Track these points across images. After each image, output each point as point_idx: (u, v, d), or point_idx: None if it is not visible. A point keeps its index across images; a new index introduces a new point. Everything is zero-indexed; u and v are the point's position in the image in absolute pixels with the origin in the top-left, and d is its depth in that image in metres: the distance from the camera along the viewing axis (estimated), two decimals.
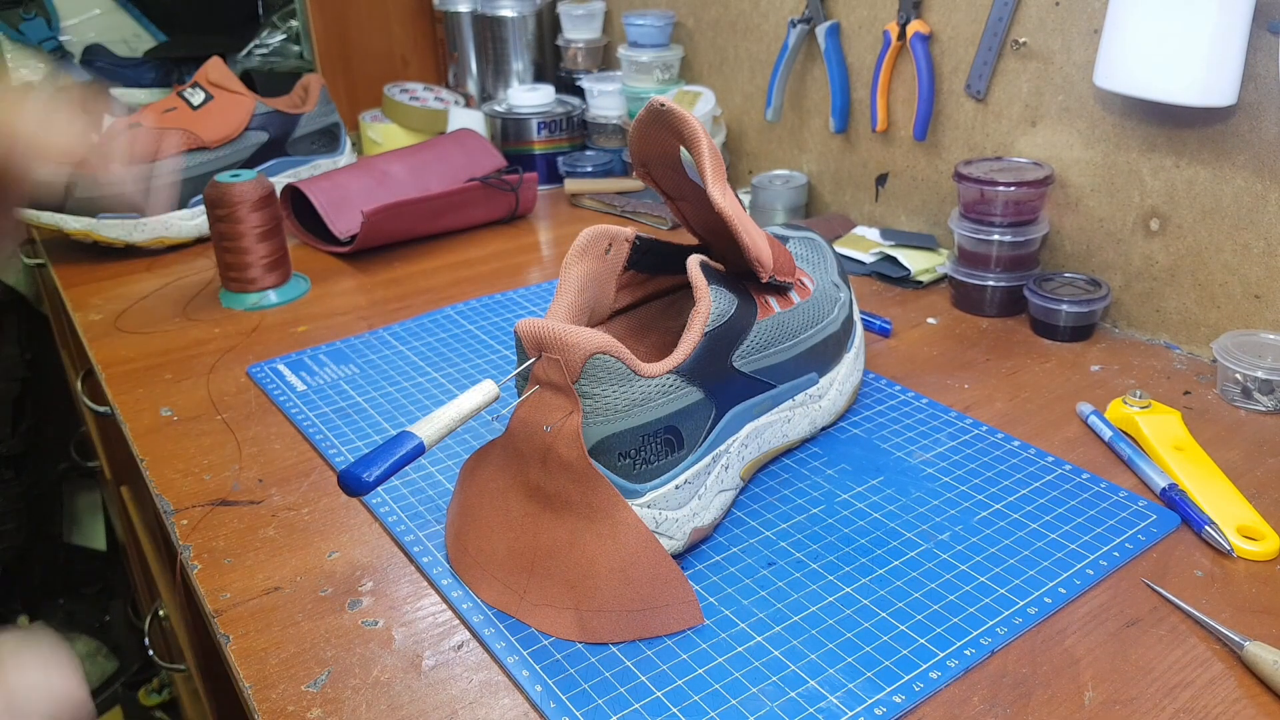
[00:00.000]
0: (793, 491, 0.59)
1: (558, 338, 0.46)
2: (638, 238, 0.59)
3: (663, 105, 0.52)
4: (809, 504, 0.58)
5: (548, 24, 1.33)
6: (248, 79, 1.42)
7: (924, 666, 0.46)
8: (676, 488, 0.51)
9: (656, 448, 0.50)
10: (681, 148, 0.54)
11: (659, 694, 0.45)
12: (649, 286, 0.62)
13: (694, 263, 0.54)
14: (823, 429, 0.65)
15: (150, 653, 1.06)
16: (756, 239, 0.55)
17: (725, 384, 0.54)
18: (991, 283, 0.81)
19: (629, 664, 0.47)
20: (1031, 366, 0.74)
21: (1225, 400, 0.69)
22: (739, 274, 0.57)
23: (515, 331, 0.48)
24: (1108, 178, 0.79)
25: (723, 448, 0.55)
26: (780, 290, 0.59)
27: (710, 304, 0.52)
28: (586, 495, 0.47)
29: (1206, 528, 0.54)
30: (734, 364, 0.55)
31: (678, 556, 0.53)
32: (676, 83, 1.17)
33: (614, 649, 0.48)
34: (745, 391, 0.56)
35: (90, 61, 1.55)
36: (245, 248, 0.86)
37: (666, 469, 0.51)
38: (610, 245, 0.58)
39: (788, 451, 0.63)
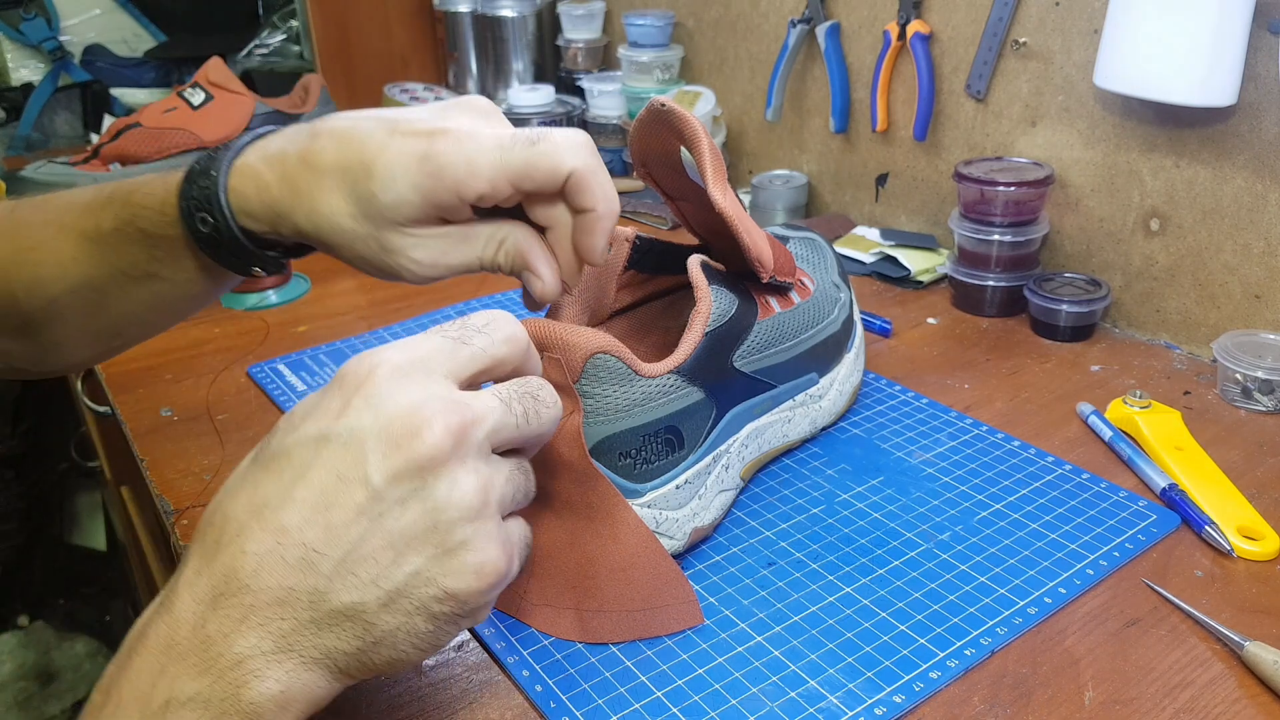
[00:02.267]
0: (793, 491, 0.59)
1: (558, 337, 0.46)
2: (638, 238, 0.59)
3: (663, 105, 0.52)
4: (809, 504, 0.58)
5: (548, 24, 1.33)
6: (248, 79, 1.42)
7: (924, 666, 0.46)
8: (677, 488, 0.51)
9: (657, 448, 0.50)
10: (682, 148, 0.54)
11: (659, 694, 0.45)
12: (649, 287, 0.62)
13: (694, 263, 0.54)
14: (823, 429, 0.65)
15: None
16: (757, 239, 0.55)
17: (726, 384, 0.54)
18: (991, 283, 0.81)
19: (629, 664, 0.47)
20: (1031, 366, 0.74)
21: (1225, 400, 0.69)
22: (739, 274, 0.57)
23: None
24: (1108, 178, 0.79)
25: (723, 448, 0.55)
26: (781, 290, 0.59)
27: (711, 304, 0.52)
28: (587, 495, 0.47)
29: (1206, 528, 0.54)
30: (735, 364, 0.55)
31: (678, 556, 0.53)
32: (676, 83, 1.17)
33: (614, 649, 0.48)
34: (746, 391, 0.56)
35: (90, 61, 1.55)
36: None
37: (667, 469, 0.51)
38: (610, 245, 0.58)
39: (788, 452, 0.63)
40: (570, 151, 0.43)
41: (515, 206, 0.46)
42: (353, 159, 0.44)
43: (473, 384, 0.39)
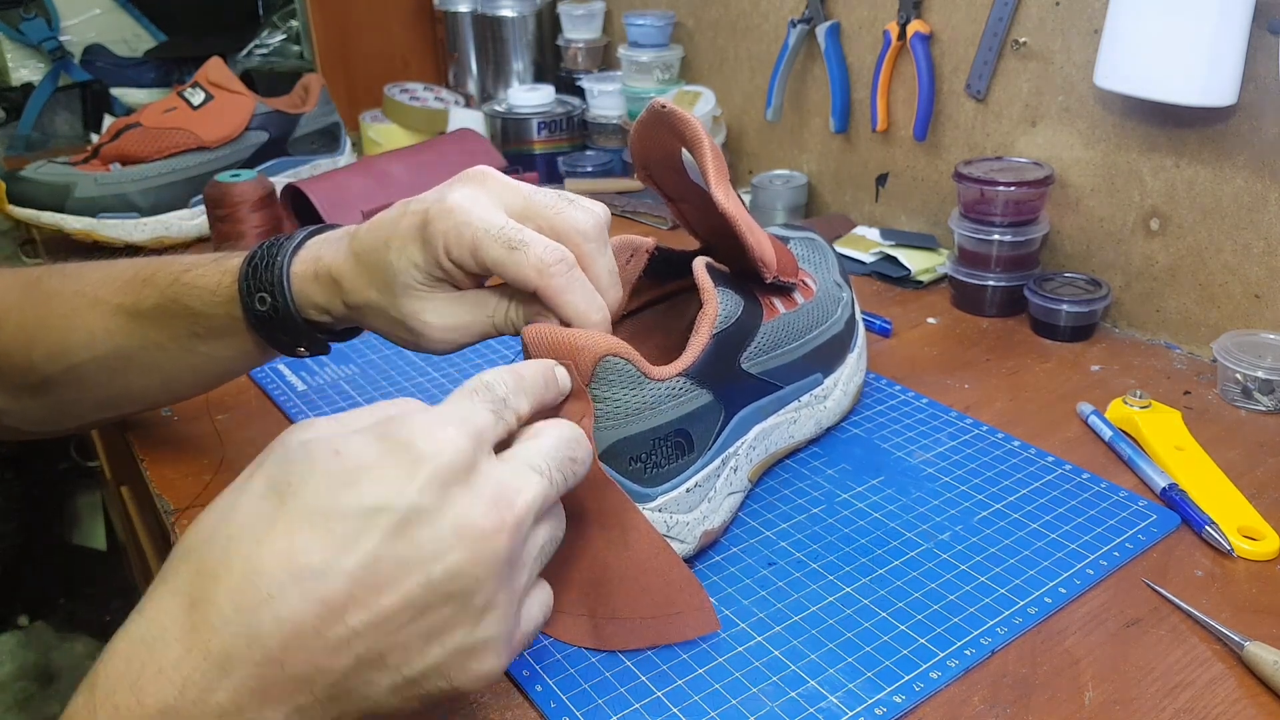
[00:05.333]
0: (793, 491, 0.59)
1: (567, 342, 0.46)
2: (657, 248, 0.58)
3: (664, 107, 0.51)
4: (809, 504, 0.58)
5: (548, 24, 1.33)
6: (248, 79, 1.42)
7: (924, 666, 0.46)
8: (687, 491, 0.51)
9: (667, 451, 0.50)
10: (683, 149, 0.54)
11: (659, 694, 0.45)
12: (652, 291, 0.62)
13: (700, 265, 0.54)
14: (827, 430, 0.65)
15: None
16: (761, 239, 0.55)
17: (734, 386, 0.54)
18: (992, 283, 0.81)
19: (629, 664, 0.47)
20: (1032, 366, 0.74)
21: (1225, 400, 0.69)
22: (743, 276, 0.57)
23: (522, 337, 0.47)
24: (1108, 178, 0.79)
25: (731, 450, 0.55)
26: (784, 291, 0.59)
27: (717, 306, 0.52)
28: (598, 501, 0.47)
29: (1206, 527, 0.54)
30: (742, 366, 0.55)
31: (689, 560, 0.53)
32: (676, 83, 1.17)
33: None
34: (753, 393, 0.56)
35: (90, 61, 1.55)
36: (246, 248, 0.86)
37: (677, 472, 0.51)
38: (631, 256, 0.58)
39: (793, 453, 0.63)
40: (538, 271, 0.45)
41: None
42: (378, 239, 0.49)
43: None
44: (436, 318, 0.49)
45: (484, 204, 0.47)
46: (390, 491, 0.33)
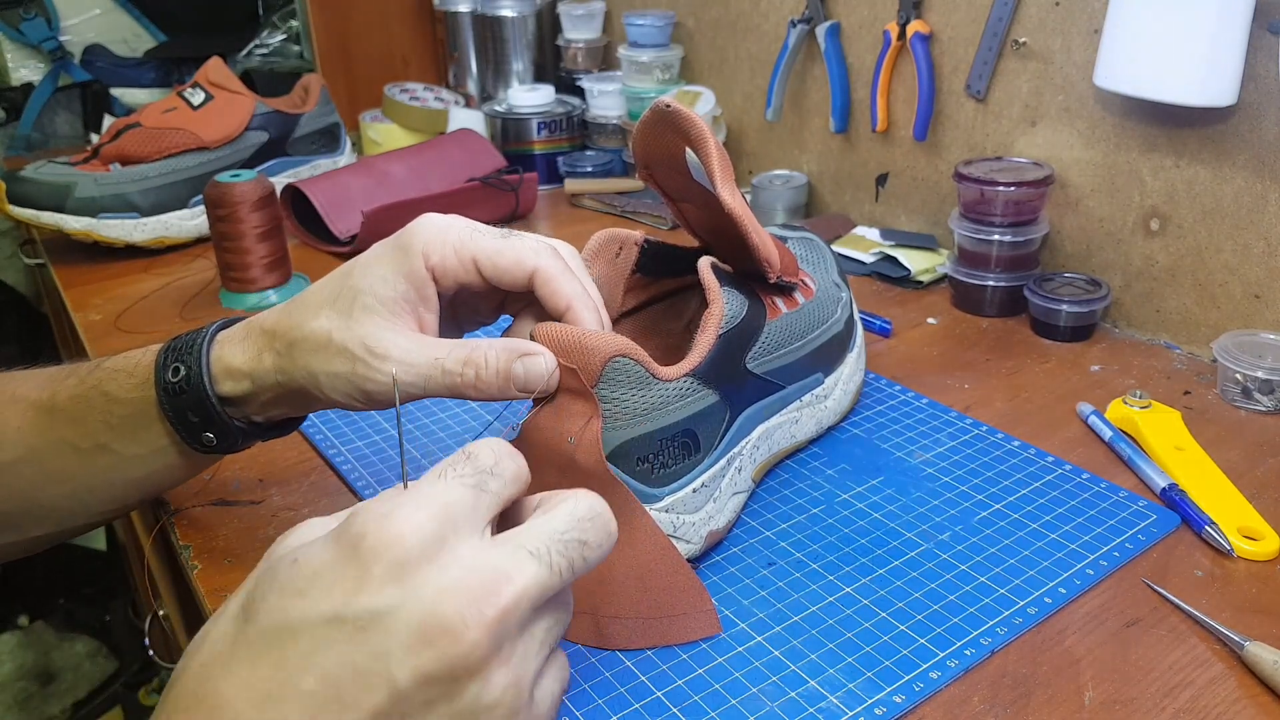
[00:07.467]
0: (793, 491, 0.59)
1: (576, 341, 0.45)
2: (646, 241, 0.58)
3: (668, 106, 0.51)
4: (809, 504, 0.58)
5: (548, 24, 1.33)
6: (248, 79, 1.42)
7: (924, 666, 0.46)
8: (694, 491, 0.51)
9: (674, 451, 0.50)
10: (687, 149, 0.54)
11: (659, 694, 0.45)
12: (652, 290, 0.62)
13: (705, 265, 0.53)
14: (828, 429, 0.65)
15: (150, 653, 1.06)
16: (765, 239, 0.55)
17: (739, 386, 0.54)
18: (991, 283, 0.81)
19: (629, 664, 0.47)
20: (1031, 366, 0.74)
21: (1225, 400, 0.69)
22: (746, 275, 0.57)
23: (532, 336, 0.47)
24: (1108, 178, 0.79)
25: (736, 450, 0.55)
26: (786, 291, 0.59)
27: (724, 306, 0.52)
28: (605, 501, 0.47)
29: (1206, 528, 0.54)
30: (747, 365, 0.55)
31: (694, 560, 0.53)
32: (676, 83, 1.17)
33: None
34: (757, 393, 0.56)
35: (90, 61, 1.55)
36: (245, 248, 0.86)
37: (684, 472, 0.51)
38: (620, 249, 0.58)
39: (794, 453, 0.63)
40: (535, 251, 0.46)
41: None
42: (333, 276, 0.48)
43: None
44: (395, 346, 0.45)
45: (462, 218, 0.48)
46: (339, 597, 0.31)
